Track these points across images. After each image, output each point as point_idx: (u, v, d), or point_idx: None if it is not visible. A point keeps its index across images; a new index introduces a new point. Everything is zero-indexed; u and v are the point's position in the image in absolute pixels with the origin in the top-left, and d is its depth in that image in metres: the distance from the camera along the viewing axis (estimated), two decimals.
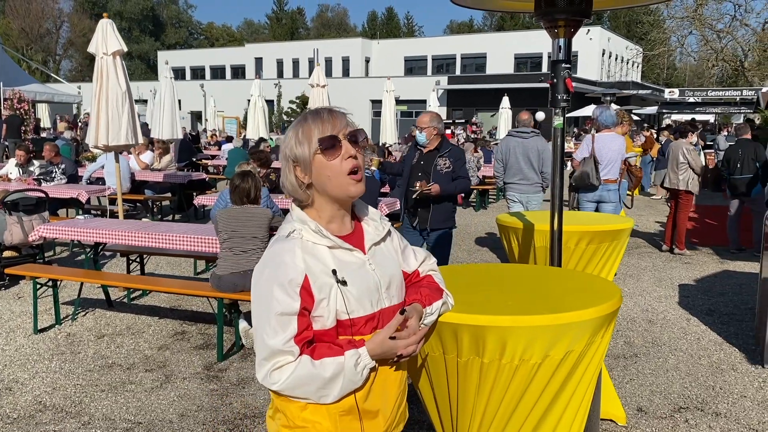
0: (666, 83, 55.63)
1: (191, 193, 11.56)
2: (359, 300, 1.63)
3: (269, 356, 1.60)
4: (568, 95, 2.77)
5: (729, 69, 36.38)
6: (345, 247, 1.66)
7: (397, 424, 1.79)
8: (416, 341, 1.67)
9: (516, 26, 65.14)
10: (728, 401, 4.18)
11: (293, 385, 1.59)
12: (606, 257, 3.59)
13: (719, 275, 7.53)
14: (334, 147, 1.63)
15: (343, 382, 1.59)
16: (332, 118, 1.66)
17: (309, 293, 1.59)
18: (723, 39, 34.48)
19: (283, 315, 1.58)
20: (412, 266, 1.85)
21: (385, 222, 1.80)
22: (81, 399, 4.18)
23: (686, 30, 34.42)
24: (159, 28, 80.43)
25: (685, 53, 37.96)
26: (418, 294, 1.78)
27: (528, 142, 7.12)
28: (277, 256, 1.63)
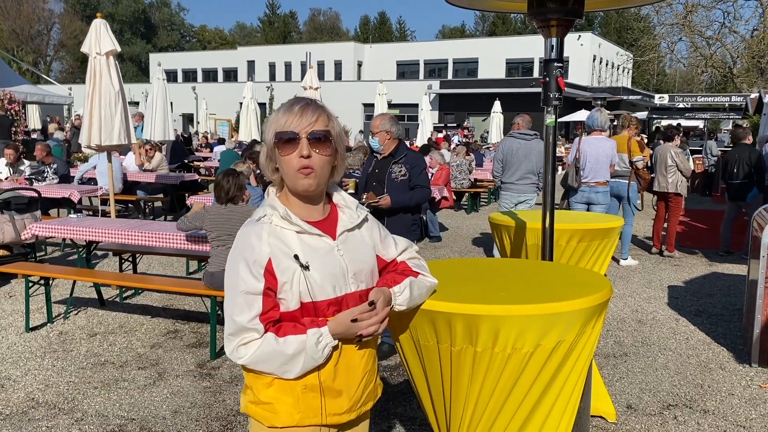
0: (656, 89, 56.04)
1: (183, 194, 11.57)
2: (322, 285, 1.69)
3: (236, 332, 1.69)
4: (561, 94, 2.81)
5: (718, 75, 36.73)
6: (313, 233, 1.72)
7: (365, 403, 1.84)
8: (378, 321, 1.71)
9: (508, 31, 65.50)
10: (716, 399, 4.23)
11: (257, 359, 1.68)
12: (597, 255, 3.63)
13: (708, 277, 7.61)
14: (289, 143, 1.69)
15: (305, 359, 1.67)
16: (301, 113, 1.70)
17: (273, 275, 1.67)
18: (712, 46, 34.85)
19: (248, 294, 1.67)
20: (391, 255, 1.91)
21: (362, 211, 1.85)
22: (74, 396, 4.18)
23: (676, 36, 34.77)
24: (151, 30, 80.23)
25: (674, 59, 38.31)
26: (384, 279, 1.85)
27: (531, 143, 7.23)
28: (246, 238, 1.71)
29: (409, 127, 37.67)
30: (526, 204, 7.34)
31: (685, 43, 35.90)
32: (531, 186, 7.26)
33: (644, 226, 11.23)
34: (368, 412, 1.89)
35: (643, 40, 35.97)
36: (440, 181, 10.09)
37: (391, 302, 1.79)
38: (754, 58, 32.86)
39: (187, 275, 7.43)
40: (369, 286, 1.79)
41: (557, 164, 12.82)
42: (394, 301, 1.80)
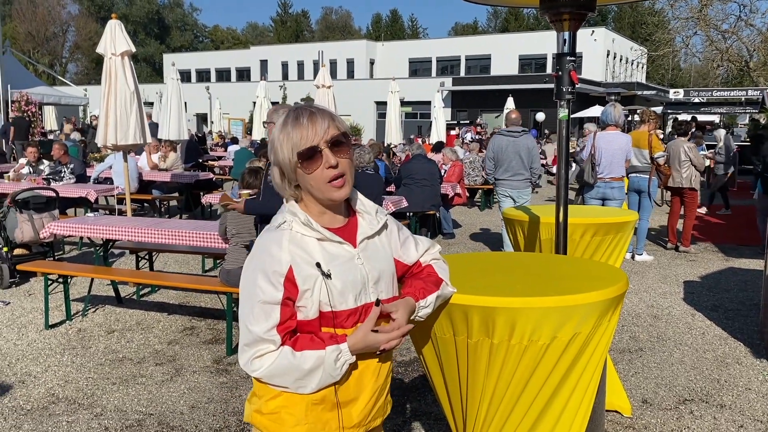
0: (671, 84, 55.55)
1: (198, 192, 11.65)
2: (343, 293, 1.65)
3: (251, 343, 1.64)
4: (573, 88, 2.81)
5: (734, 69, 36.32)
6: (334, 240, 1.68)
7: (374, 419, 1.78)
8: (399, 335, 1.67)
9: (520, 27, 65.22)
10: (733, 393, 4.21)
11: (272, 373, 1.64)
12: (611, 249, 3.63)
13: (724, 272, 7.55)
14: (313, 158, 1.63)
15: (322, 375, 1.63)
16: (312, 124, 1.63)
17: (293, 284, 1.63)
18: (728, 39, 34.45)
19: (266, 304, 1.62)
20: (412, 258, 1.86)
21: (382, 216, 1.80)
22: (93, 391, 4.24)
23: (691, 30, 34.41)
24: (164, 31, 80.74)
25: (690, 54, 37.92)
26: (412, 287, 1.80)
27: (519, 140, 7.44)
28: (265, 246, 1.67)
29: (422, 124, 37.64)
30: (522, 199, 7.48)
31: (700, 37, 35.51)
32: (524, 182, 7.45)
33: (659, 221, 11.15)
34: (379, 429, 1.85)
35: (657, 35, 35.66)
36: (453, 178, 10.08)
37: (413, 314, 1.76)
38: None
39: (203, 273, 7.49)
40: (389, 294, 1.75)
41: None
42: (416, 314, 1.77)
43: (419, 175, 8.82)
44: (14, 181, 9.12)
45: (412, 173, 8.87)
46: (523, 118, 7.83)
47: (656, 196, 8.38)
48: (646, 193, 8.12)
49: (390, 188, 9.63)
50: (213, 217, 11.61)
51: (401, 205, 8.11)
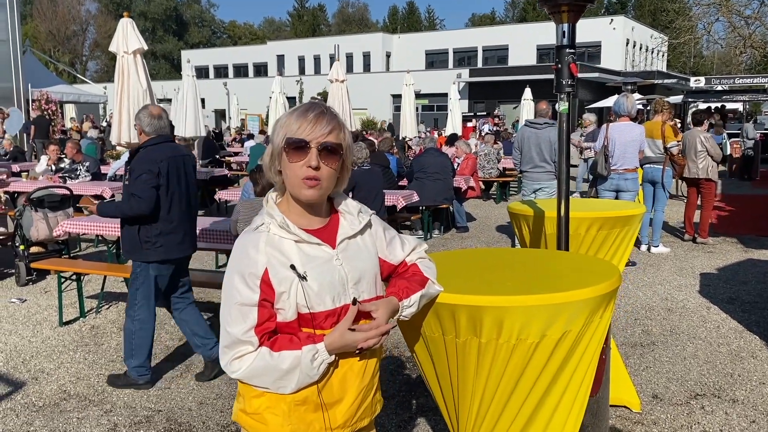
0: (692, 72, 54.64)
1: (213, 189, 11.73)
2: (320, 295, 1.65)
3: (230, 345, 1.66)
4: (573, 80, 2.77)
5: (758, 56, 35.61)
6: (312, 242, 1.68)
7: (360, 419, 1.77)
8: (377, 334, 1.66)
9: (538, 17, 64.53)
10: (746, 388, 4.14)
11: (251, 374, 1.65)
12: (617, 243, 3.58)
13: (742, 264, 7.43)
14: (298, 150, 1.64)
15: (299, 375, 1.64)
16: (315, 121, 1.64)
17: (269, 286, 1.64)
18: (751, 25, 33.77)
19: (243, 305, 1.64)
20: (399, 257, 1.85)
21: (365, 216, 1.79)
22: (104, 388, 4.29)
23: (713, 17, 33.78)
24: (182, 27, 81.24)
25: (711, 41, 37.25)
26: (396, 287, 1.79)
27: (541, 132, 7.25)
28: (243, 248, 1.68)
29: (438, 117, 37.48)
30: (543, 192, 7.34)
31: (722, 23, 34.90)
32: (546, 174, 7.23)
33: (676, 212, 11.00)
34: (369, 428, 1.84)
35: (678, 22, 35.04)
36: (467, 171, 10.03)
37: (396, 314, 1.75)
38: None
39: (217, 269, 7.54)
40: (371, 294, 1.74)
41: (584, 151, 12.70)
42: (401, 313, 1.77)
43: (431, 168, 8.78)
44: (31, 179, 9.24)
45: (424, 167, 8.83)
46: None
47: (670, 187, 8.25)
48: (660, 184, 8.01)
49: (402, 182, 9.61)
50: (228, 214, 11.67)
51: (412, 199, 8.09)
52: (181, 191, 4.14)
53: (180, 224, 4.15)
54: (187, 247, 4.27)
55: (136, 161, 4.02)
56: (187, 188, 4.19)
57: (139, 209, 3.96)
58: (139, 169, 3.96)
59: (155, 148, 4.04)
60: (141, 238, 4.06)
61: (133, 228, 4.07)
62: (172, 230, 4.10)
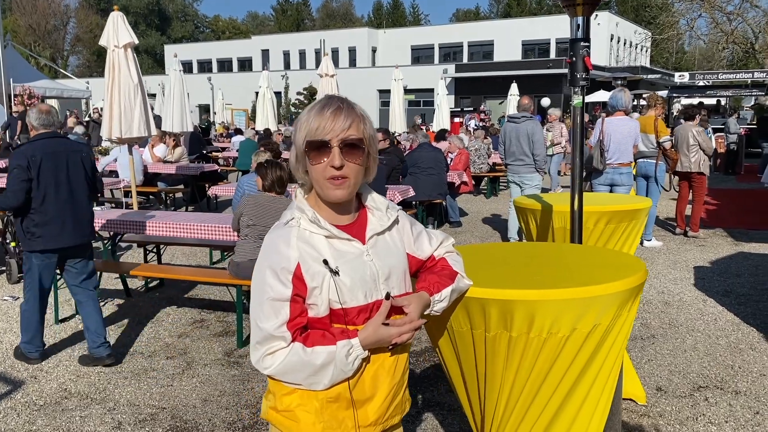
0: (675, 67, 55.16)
1: (203, 184, 11.64)
2: (352, 291, 1.63)
3: (262, 340, 1.63)
4: (587, 74, 2.77)
5: (739, 51, 36.06)
6: (342, 237, 1.65)
7: (392, 416, 1.76)
8: (411, 329, 1.65)
9: (523, 13, 64.73)
10: (748, 380, 4.18)
11: (284, 370, 1.63)
12: (625, 237, 3.59)
13: (734, 257, 7.51)
14: (320, 151, 1.61)
15: (333, 371, 1.61)
16: (333, 118, 1.60)
17: (302, 281, 1.61)
18: (733, 21, 34.18)
19: (275, 301, 1.61)
20: (426, 252, 1.84)
21: (393, 212, 1.77)
22: (105, 386, 4.24)
23: (696, 13, 34.15)
24: (165, 22, 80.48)
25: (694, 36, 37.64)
26: (426, 281, 1.78)
27: (520, 126, 7.61)
28: (273, 243, 1.65)
29: (425, 112, 37.48)
30: (525, 184, 7.55)
31: (705, 19, 35.25)
32: (526, 167, 7.59)
33: (667, 206, 11.10)
34: (397, 426, 1.82)
35: (661, 18, 35.41)
36: (460, 166, 10.03)
37: (427, 309, 1.74)
38: None
39: (211, 265, 7.48)
40: (401, 290, 1.72)
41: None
42: (432, 308, 1.75)
43: (425, 163, 8.78)
44: None
45: (418, 162, 8.83)
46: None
47: (664, 181, 8.33)
48: (654, 178, 8.09)
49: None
50: (219, 209, 11.60)
51: (408, 194, 8.09)
52: (59, 183, 4.31)
53: (58, 215, 4.32)
54: (69, 238, 4.41)
55: (12, 156, 4.29)
56: (68, 180, 4.36)
57: (7, 202, 4.25)
58: (12, 164, 4.21)
59: (33, 143, 4.30)
60: (24, 228, 4.34)
61: (18, 219, 4.36)
62: (48, 221, 4.30)
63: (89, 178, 4.51)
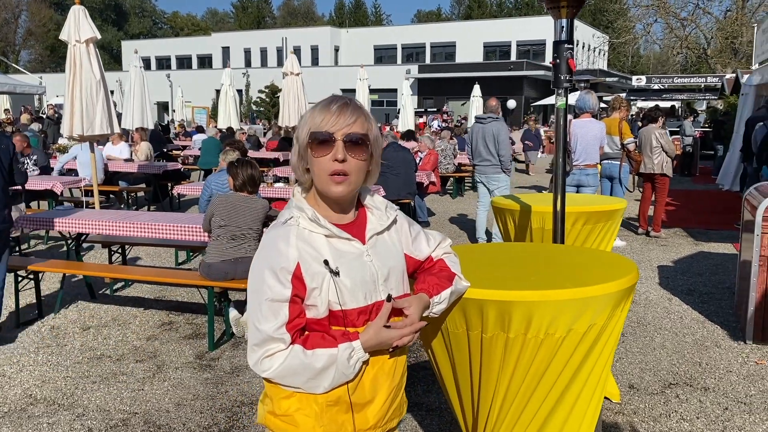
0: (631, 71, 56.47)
1: (166, 183, 11.41)
2: (353, 292, 1.60)
3: (261, 342, 1.59)
4: (571, 75, 2.79)
5: (693, 56, 37.15)
6: (342, 237, 1.63)
7: (390, 419, 1.74)
8: (411, 331, 1.64)
9: (483, 15, 65.41)
10: (715, 376, 4.29)
11: (284, 373, 1.59)
12: (601, 237, 3.65)
13: (695, 256, 7.71)
14: (323, 144, 1.59)
15: (335, 374, 1.59)
16: (339, 113, 1.59)
17: (301, 281, 1.58)
18: (687, 27, 35.18)
19: (273, 301, 1.57)
20: (424, 253, 1.82)
21: (392, 212, 1.75)
22: (72, 391, 4.11)
23: (651, 18, 35.05)
24: (122, 17, 78.75)
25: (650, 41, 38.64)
26: (425, 283, 1.76)
27: (486, 126, 7.67)
28: (272, 243, 1.61)
29: (389, 112, 37.55)
30: (493, 185, 7.63)
31: (660, 24, 36.22)
32: (493, 167, 7.67)
33: (630, 207, 11.34)
34: (394, 429, 1.80)
35: (618, 23, 36.18)
36: (428, 166, 10.06)
37: (426, 310, 1.72)
38: (727, 39, 33.28)
39: (177, 266, 7.33)
40: (399, 291, 1.70)
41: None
42: (431, 310, 1.74)
43: (394, 163, 8.78)
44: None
45: (387, 161, 8.82)
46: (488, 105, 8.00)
47: (628, 182, 8.51)
48: (618, 180, 8.25)
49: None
50: (183, 209, 11.39)
51: (380, 193, 8.07)
52: None
53: None
54: None
55: None
56: None
57: None
58: None
59: None
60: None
61: None
62: None
63: (4, 169, 4.73)
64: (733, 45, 33.07)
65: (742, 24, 31.89)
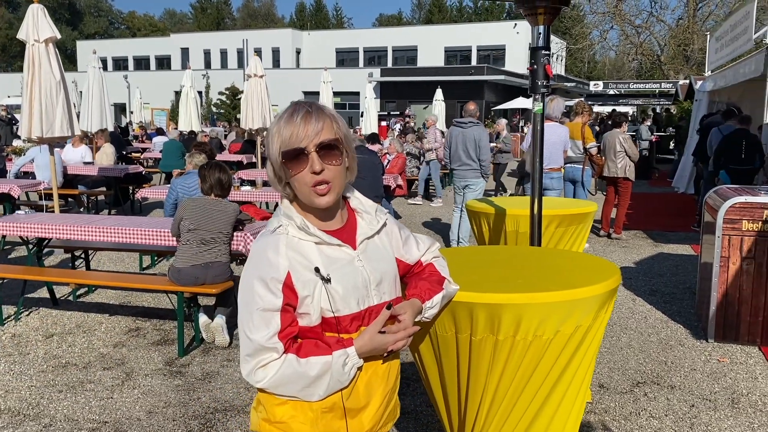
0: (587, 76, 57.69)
1: (127, 187, 11.18)
2: (345, 298, 1.60)
3: (253, 353, 1.58)
4: (548, 81, 2.85)
5: (647, 62, 38.15)
6: (333, 243, 1.62)
7: (385, 423, 1.75)
8: (405, 336, 1.65)
9: (444, 19, 65.98)
10: (680, 374, 4.41)
11: (278, 383, 1.58)
12: (573, 239, 3.72)
13: (656, 258, 7.91)
14: (297, 160, 1.56)
15: (329, 381, 1.58)
16: (304, 124, 1.55)
17: (292, 290, 1.57)
18: (641, 34, 36.15)
19: (265, 311, 1.56)
20: (414, 257, 1.83)
21: (382, 215, 1.75)
22: (38, 401, 3.99)
23: (608, 25, 35.88)
24: (76, 16, 76.86)
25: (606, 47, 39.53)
26: (417, 288, 1.77)
27: (466, 131, 7.67)
28: (262, 252, 1.60)
29: (352, 115, 37.52)
30: (470, 189, 7.67)
31: (616, 31, 37.10)
32: (472, 171, 7.68)
33: None
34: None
35: (576, 29, 36.93)
36: (396, 169, 10.10)
37: (419, 315, 1.73)
38: (679, 46, 34.30)
39: (141, 271, 7.19)
40: (392, 296, 1.70)
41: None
42: (423, 314, 1.75)
43: (360, 166, 8.75)
44: None
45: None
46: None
47: (590, 186, 8.68)
48: (581, 183, 8.43)
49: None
50: (145, 212, 11.17)
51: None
52: None
53: None
54: None
55: None
56: None
57: None
58: None
59: None
60: None
61: None
62: None
63: None
64: (685, 52, 34.11)
65: (693, 32, 32.93)
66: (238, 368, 4.48)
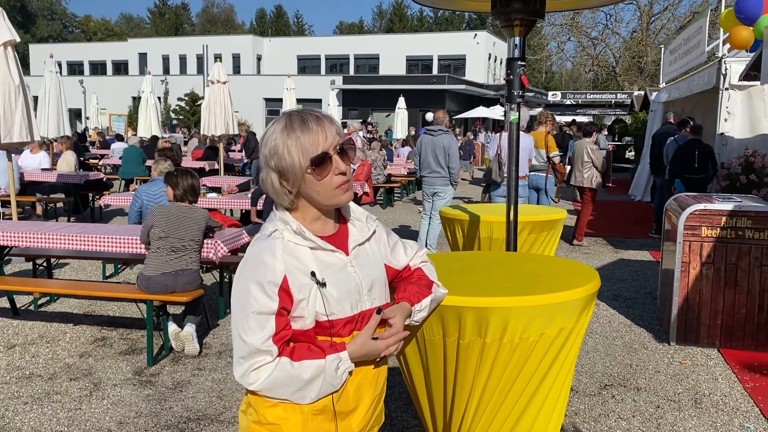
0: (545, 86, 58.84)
1: (86, 194, 10.95)
2: (339, 302, 1.63)
3: (247, 356, 1.60)
4: (524, 91, 2.92)
5: (603, 74, 39.15)
6: (327, 249, 1.65)
7: (372, 427, 1.78)
8: (397, 341, 1.69)
9: (405, 28, 66.45)
10: (645, 376, 4.55)
11: (271, 386, 1.60)
12: (544, 245, 3.81)
13: (617, 263, 8.12)
14: (324, 164, 1.60)
15: (322, 384, 1.61)
16: (322, 129, 1.60)
17: (288, 294, 1.59)
18: (597, 46, 37.10)
19: (260, 314, 1.58)
20: (402, 262, 1.86)
21: (372, 222, 1.79)
22: (2, 413, 3.88)
23: (565, 36, 36.73)
24: (28, 19, 74.86)
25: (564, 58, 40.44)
26: (406, 292, 1.81)
27: (436, 139, 7.78)
28: (258, 255, 1.62)
29: None
30: (438, 196, 7.78)
31: (573, 43, 38.00)
32: (441, 179, 7.79)
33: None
34: None
35: (534, 40, 37.68)
36: (362, 177, 10.13)
37: (408, 319, 1.77)
38: (634, 58, 35.32)
39: (104, 279, 7.04)
40: (382, 301, 1.74)
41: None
42: (412, 318, 1.78)
43: None
44: None
45: None
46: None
47: (553, 193, 8.87)
48: (544, 190, 8.61)
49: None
50: (105, 220, 10.94)
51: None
52: None
53: None
54: None
55: None
56: None
57: None
58: None
59: None
60: None
61: None
62: None
63: None
64: (639, 64, 35.14)
65: (647, 44, 33.96)
66: (209, 377, 4.44)
